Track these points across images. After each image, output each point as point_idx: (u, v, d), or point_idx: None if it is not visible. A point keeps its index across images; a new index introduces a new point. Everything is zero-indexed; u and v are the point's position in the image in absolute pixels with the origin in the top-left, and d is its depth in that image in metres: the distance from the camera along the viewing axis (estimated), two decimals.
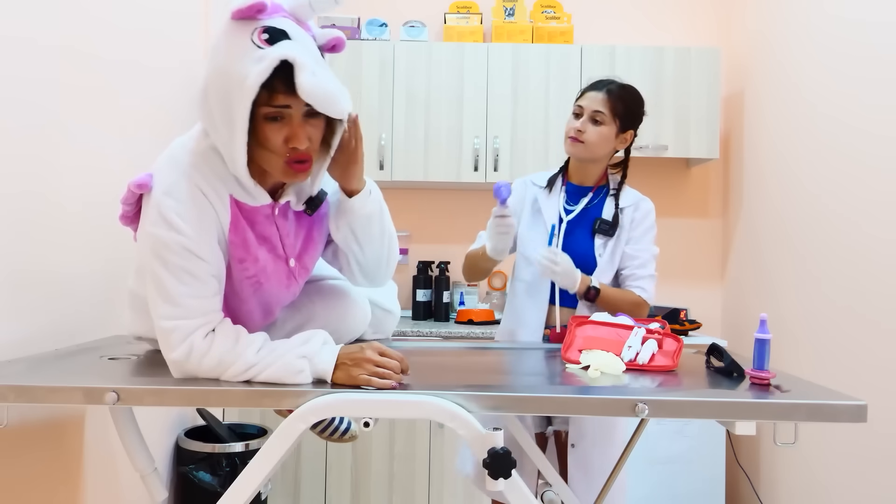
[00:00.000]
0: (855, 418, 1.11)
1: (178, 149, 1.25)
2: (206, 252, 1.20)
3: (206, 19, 2.58)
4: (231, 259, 1.27)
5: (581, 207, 1.91)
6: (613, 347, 1.41)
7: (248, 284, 1.30)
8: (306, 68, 1.10)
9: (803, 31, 2.74)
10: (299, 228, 1.36)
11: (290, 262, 1.34)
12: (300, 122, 1.17)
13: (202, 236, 1.20)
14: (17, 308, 1.41)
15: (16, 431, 1.39)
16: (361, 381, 1.16)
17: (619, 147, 1.92)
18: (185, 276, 1.19)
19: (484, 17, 3.41)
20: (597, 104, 1.86)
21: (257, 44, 1.11)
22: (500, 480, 1.09)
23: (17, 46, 1.39)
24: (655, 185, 3.47)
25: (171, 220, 1.18)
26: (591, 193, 1.93)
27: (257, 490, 1.16)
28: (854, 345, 2.35)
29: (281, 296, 1.38)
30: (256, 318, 1.37)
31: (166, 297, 1.18)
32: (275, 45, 1.11)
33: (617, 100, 1.87)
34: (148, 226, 1.20)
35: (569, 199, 1.94)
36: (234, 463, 2.28)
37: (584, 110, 1.87)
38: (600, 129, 1.86)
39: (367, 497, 2.88)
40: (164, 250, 1.18)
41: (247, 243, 1.27)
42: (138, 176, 1.21)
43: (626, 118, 1.89)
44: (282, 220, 1.32)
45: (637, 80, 3.10)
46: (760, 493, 3.00)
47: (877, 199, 2.26)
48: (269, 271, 1.31)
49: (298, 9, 1.18)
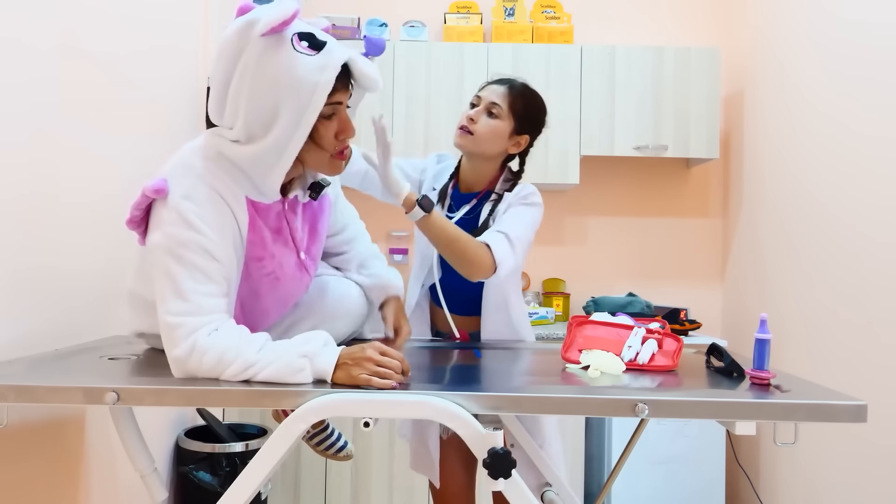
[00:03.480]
0: (855, 418, 1.11)
1: (191, 154, 1.26)
2: (221, 254, 1.22)
3: (206, 19, 2.58)
4: (249, 259, 1.30)
5: (460, 216, 1.78)
6: (613, 347, 1.41)
7: (267, 282, 1.33)
8: (359, 60, 1.22)
9: (803, 31, 2.74)
10: (304, 221, 1.40)
11: (300, 255, 1.38)
12: (347, 116, 1.27)
13: (220, 238, 1.22)
14: (17, 308, 1.41)
15: (16, 431, 1.39)
16: (362, 381, 1.16)
17: (512, 150, 1.80)
18: (199, 274, 1.20)
19: (484, 17, 3.41)
20: (495, 96, 1.74)
21: (305, 52, 1.16)
22: (500, 480, 1.09)
23: (17, 46, 1.39)
24: (655, 185, 3.47)
25: (191, 221, 1.20)
26: (474, 201, 1.79)
27: (257, 490, 1.16)
28: (854, 344, 2.35)
29: (295, 290, 1.42)
30: (272, 316, 1.41)
31: (178, 292, 1.19)
32: (323, 51, 1.18)
33: (518, 96, 1.75)
34: (166, 227, 1.21)
35: (453, 206, 1.81)
36: (234, 463, 2.28)
37: (481, 101, 1.75)
38: (494, 122, 1.73)
39: (367, 497, 2.88)
40: (181, 248, 1.19)
41: (264, 241, 1.30)
42: (153, 181, 1.21)
43: (524, 120, 1.77)
44: (291, 215, 1.36)
45: (637, 80, 3.13)
46: (760, 493, 3.00)
47: (877, 199, 2.26)
48: (284, 267, 1.35)
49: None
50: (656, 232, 3.47)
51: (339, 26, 3.13)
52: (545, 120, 1.83)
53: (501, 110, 1.74)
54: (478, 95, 1.78)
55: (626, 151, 3.11)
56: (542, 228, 3.41)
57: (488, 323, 1.79)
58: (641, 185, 3.48)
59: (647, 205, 3.47)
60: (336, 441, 1.76)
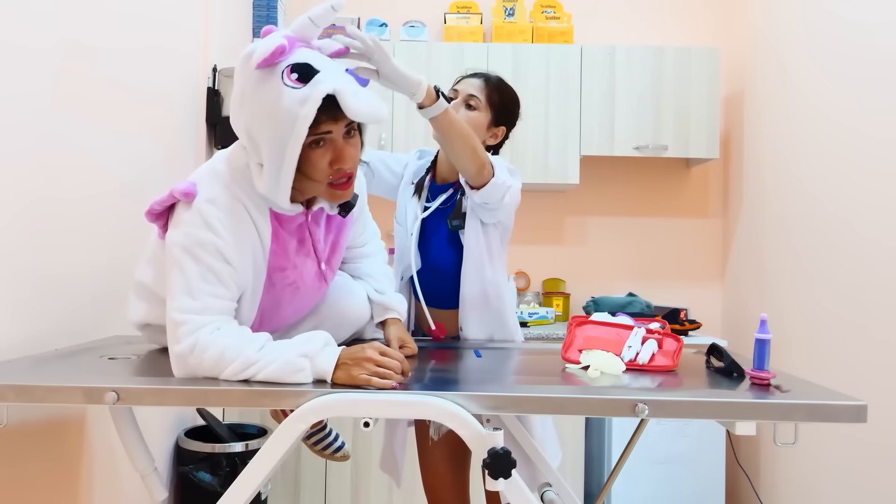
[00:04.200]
0: (855, 418, 1.11)
1: (221, 162, 1.31)
2: (236, 259, 1.25)
3: (207, 22, 2.58)
4: (272, 269, 1.32)
5: (436, 205, 1.80)
6: (613, 347, 1.41)
7: (289, 291, 1.36)
8: (348, 93, 1.17)
9: (803, 30, 2.74)
10: (328, 232, 1.43)
11: (321, 266, 1.41)
12: (343, 144, 1.24)
13: (236, 245, 1.25)
14: (17, 308, 1.41)
15: (16, 431, 1.39)
16: (361, 381, 1.16)
17: (490, 141, 1.82)
18: (211, 275, 1.22)
19: (484, 17, 3.41)
20: (472, 89, 1.77)
21: (291, 85, 1.17)
22: (500, 480, 1.09)
23: (18, 44, 1.39)
24: (655, 186, 3.47)
25: (213, 224, 1.23)
26: (450, 191, 1.80)
27: (257, 490, 1.16)
28: (854, 345, 2.35)
29: (313, 298, 1.45)
30: (290, 322, 1.45)
31: (188, 290, 1.21)
32: (310, 83, 1.17)
33: (494, 89, 1.78)
34: (186, 226, 1.23)
35: (430, 197, 1.83)
36: (234, 463, 2.28)
37: (459, 94, 1.78)
38: (472, 114, 1.76)
39: (367, 497, 2.88)
40: (197, 248, 1.22)
41: (287, 252, 1.33)
42: (183, 184, 1.25)
43: (501, 112, 1.80)
44: (314, 226, 1.38)
45: (637, 80, 3.13)
46: (760, 493, 3.00)
47: (877, 199, 2.26)
48: (304, 276, 1.37)
49: (303, 30, 1.23)
50: (656, 232, 3.47)
51: (339, 26, 3.13)
52: (519, 113, 1.86)
53: (480, 102, 1.76)
54: (454, 89, 1.80)
55: (626, 151, 3.11)
56: (542, 228, 3.45)
57: (468, 318, 1.78)
58: (641, 186, 3.48)
59: (646, 205, 3.47)
60: (333, 441, 1.77)
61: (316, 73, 1.18)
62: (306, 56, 1.20)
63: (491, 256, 1.78)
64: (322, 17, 1.22)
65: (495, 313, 1.80)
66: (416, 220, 1.80)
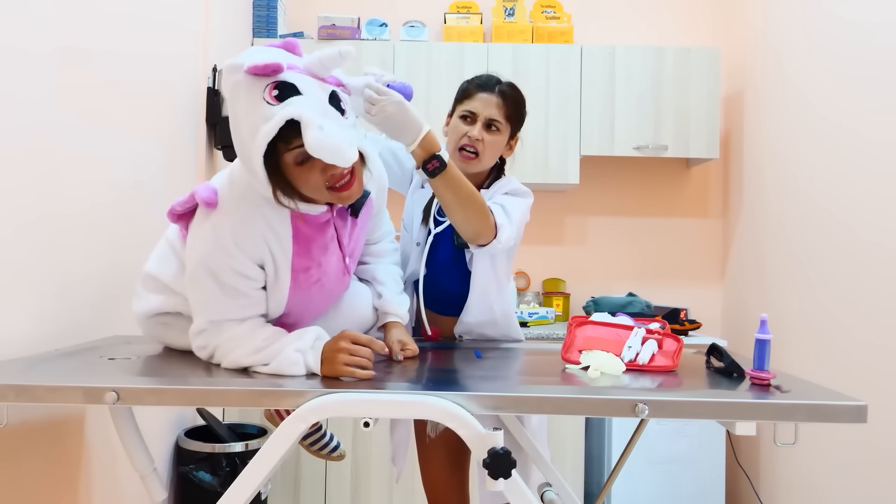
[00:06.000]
0: (855, 419, 1.10)
1: (240, 167, 1.31)
2: (252, 272, 1.30)
3: (207, 25, 2.58)
4: (296, 271, 1.35)
5: (444, 227, 1.74)
6: (613, 348, 1.41)
7: (316, 289, 1.40)
8: (312, 125, 1.15)
9: (803, 30, 2.74)
10: (353, 226, 1.46)
11: (346, 260, 1.44)
12: None
13: (252, 257, 1.29)
14: (17, 308, 1.41)
15: (16, 431, 1.39)
16: (343, 373, 1.22)
17: (507, 154, 1.76)
18: (234, 292, 1.30)
19: (484, 17, 3.41)
20: (492, 109, 1.65)
21: (268, 100, 1.17)
22: (500, 480, 1.09)
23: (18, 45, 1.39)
24: (655, 185, 3.47)
25: (224, 242, 1.26)
26: None
27: (257, 490, 1.16)
28: (854, 345, 2.35)
29: (338, 291, 1.49)
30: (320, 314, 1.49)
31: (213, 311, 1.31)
32: (283, 103, 1.16)
33: (512, 103, 1.68)
34: (204, 242, 1.28)
35: (439, 211, 1.75)
36: (234, 463, 2.28)
37: (478, 116, 1.66)
38: (496, 138, 1.67)
39: (367, 497, 2.88)
40: (216, 268, 1.28)
41: (310, 251, 1.35)
42: (205, 191, 1.28)
43: (517, 123, 1.72)
44: (340, 222, 1.41)
45: (637, 80, 3.13)
46: (760, 493, 3.00)
47: (876, 199, 2.26)
48: (330, 272, 1.41)
49: (312, 67, 1.24)
50: (656, 232, 3.47)
51: (339, 26, 3.13)
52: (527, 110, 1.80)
53: (500, 123, 1.68)
54: (469, 110, 1.68)
55: (626, 151, 3.11)
56: (542, 228, 3.45)
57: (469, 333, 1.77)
58: (641, 185, 3.48)
59: (646, 205, 3.47)
60: (329, 441, 1.78)
61: (294, 96, 1.17)
62: (297, 79, 1.19)
63: (498, 283, 1.74)
64: (330, 60, 1.23)
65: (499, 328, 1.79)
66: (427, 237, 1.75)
